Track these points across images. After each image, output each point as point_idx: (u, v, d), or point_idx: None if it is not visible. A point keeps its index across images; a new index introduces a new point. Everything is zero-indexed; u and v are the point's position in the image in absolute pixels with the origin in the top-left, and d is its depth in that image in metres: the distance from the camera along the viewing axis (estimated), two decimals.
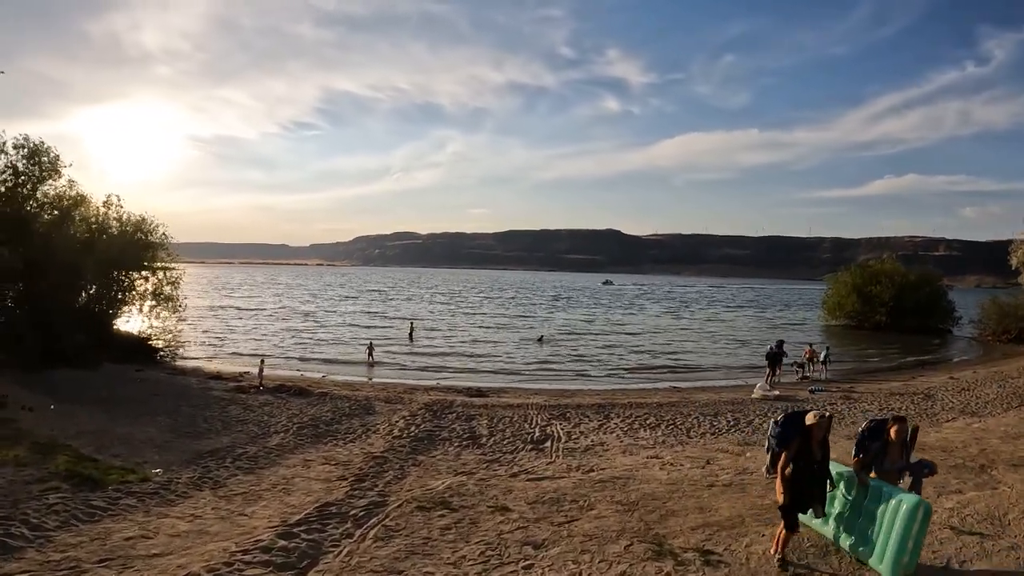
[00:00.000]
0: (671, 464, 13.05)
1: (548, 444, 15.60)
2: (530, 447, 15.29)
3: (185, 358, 29.24)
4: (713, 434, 17.07)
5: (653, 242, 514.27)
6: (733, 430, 17.60)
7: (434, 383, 26.49)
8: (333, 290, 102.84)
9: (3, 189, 22.41)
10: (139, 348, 27.23)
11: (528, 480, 11.96)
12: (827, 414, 7.51)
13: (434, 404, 20.41)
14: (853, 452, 7.89)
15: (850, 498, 7.71)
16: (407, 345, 38.63)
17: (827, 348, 30.81)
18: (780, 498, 7.41)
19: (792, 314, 75.03)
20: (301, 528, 8.38)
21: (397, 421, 17.70)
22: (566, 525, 9.07)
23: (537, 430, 17.12)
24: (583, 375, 29.97)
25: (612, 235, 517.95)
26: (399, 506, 9.79)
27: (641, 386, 27.17)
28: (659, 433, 17.10)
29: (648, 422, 18.38)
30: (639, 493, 10.40)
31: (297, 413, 18.35)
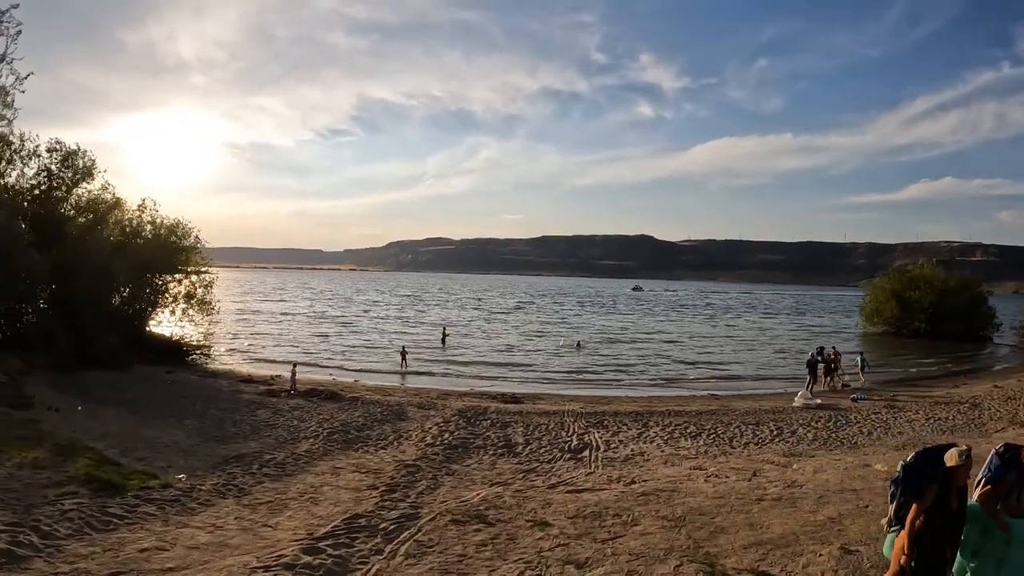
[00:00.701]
0: (716, 476, 12.34)
1: (586, 453, 14.96)
2: (568, 456, 14.65)
3: (217, 361, 29.04)
4: (757, 444, 16.34)
5: (687, 248, 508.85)
6: (777, 440, 16.87)
7: (468, 389, 25.81)
8: (366, 295, 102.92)
9: (37, 192, 22.54)
10: (171, 350, 27.07)
11: (567, 492, 11.24)
12: (967, 449, 5.42)
13: (468, 410, 19.81)
14: (979, 482, 5.62)
15: (985, 546, 5.32)
16: (440, 350, 38.08)
17: (861, 354, 29.86)
18: (902, 561, 5.38)
19: (830, 321, 73.06)
20: (327, 542, 7.73)
21: (430, 428, 17.09)
22: (610, 542, 8.31)
23: (574, 438, 16.46)
24: (620, 382, 29.25)
25: (646, 241, 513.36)
26: (432, 519, 9.09)
27: (679, 393, 26.41)
28: (701, 443, 16.43)
29: (688, 431, 17.71)
30: (685, 507, 9.70)
31: (328, 418, 17.85)
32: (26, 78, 18.70)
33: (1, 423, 12.75)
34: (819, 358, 26.55)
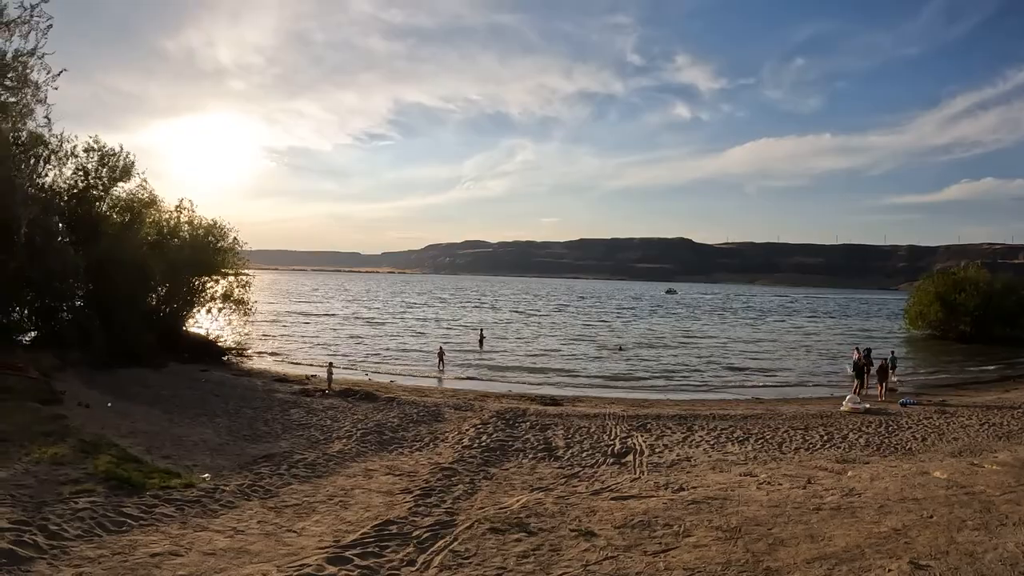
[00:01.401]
0: (768, 483, 11.41)
1: (630, 458, 14.11)
2: (611, 461, 13.81)
3: (253, 360, 28.84)
4: (807, 450, 15.39)
5: (725, 251, 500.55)
6: (828, 446, 15.87)
7: (506, 390, 25.09)
8: (403, 297, 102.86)
9: (74, 191, 22.53)
10: (207, 349, 27.00)
11: (612, 499, 10.43)
12: None
13: (506, 412, 19.09)
14: None
15: None
16: (477, 352, 37.45)
17: (892, 352, 28.75)
18: None
19: (873, 324, 70.61)
20: (355, 551, 7.02)
21: (467, 429, 16.38)
22: (661, 555, 7.52)
23: (617, 442, 15.61)
24: (661, 385, 28.37)
25: (683, 244, 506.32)
26: (469, 527, 8.34)
27: (722, 397, 25.70)
28: (749, 448, 15.51)
29: (735, 436, 16.78)
30: (740, 517, 8.94)
31: (362, 418, 17.25)
32: (59, 75, 18.43)
33: (27, 418, 12.36)
34: (866, 362, 25.49)
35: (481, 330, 43.74)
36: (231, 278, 28.80)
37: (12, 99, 18.39)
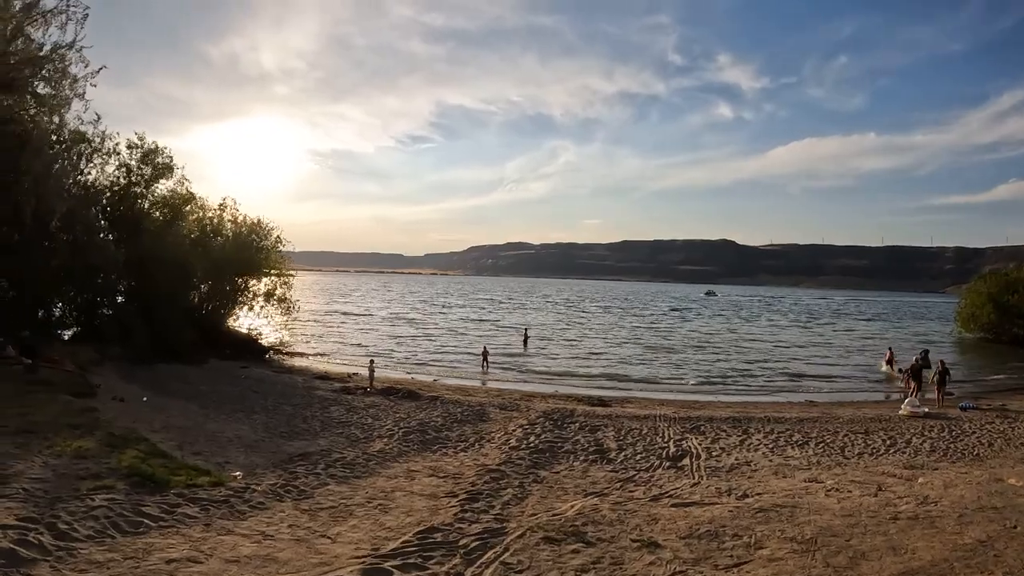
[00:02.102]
0: (837, 490, 10.63)
1: (687, 461, 13.26)
2: (667, 464, 12.95)
3: (294, 357, 28.54)
4: (871, 455, 14.51)
5: (769, 252, 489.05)
6: (892, 451, 14.96)
7: (552, 391, 24.19)
8: (445, 298, 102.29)
9: (116, 188, 22.51)
10: (249, 347, 26.76)
11: (674, 506, 9.57)
12: None
13: (553, 412, 18.25)
14: None
15: None
16: (522, 353, 36.58)
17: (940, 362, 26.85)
18: None
19: (923, 327, 67.76)
20: (395, 562, 6.14)
21: (514, 430, 15.52)
22: (734, 570, 6.71)
23: (672, 445, 14.73)
24: (710, 387, 27.44)
25: (727, 246, 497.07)
26: (521, 536, 7.45)
27: (774, 399, 24.75)
28: (810, 452, 14.67)
29: (794, 439, 15.92)
30: (813, 527, 8.25)
31: (405, 417, 16.50)
32: (98, 72, 18.11)
33: (58, 411, 11.87)
34: (923, 364, 24.78)
35: (526, 330, 42.82)
36: (274, 276, 28.41)
37: (50, 91, 18.15)
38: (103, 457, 8.83)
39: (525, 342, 39.93)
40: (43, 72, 17.92)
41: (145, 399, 15.34)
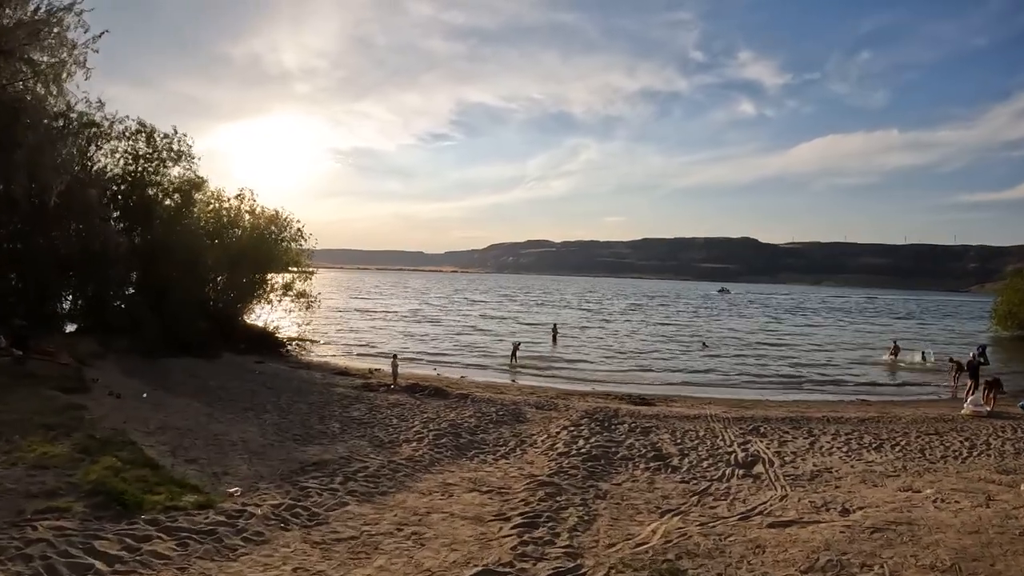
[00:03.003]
0: (942, 500, 9.43)
1: (760, 469, 11.73)
2: (741, 473, 11.40)
3: (313, 353, 26.89)
4: (956, 458, 13.15)
5: (790, 251, 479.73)
6: (976, 454, 13.54)
7: (588, 388, 22.38)
8: (466, 294, 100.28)
9: (125, 174, 21.51)
10: (265, 340, 25.17)
11: (771, 526, 8.18)
12: None
13: (596, 412, 16.50)
14: None
15: None
16: (551, 349, 34.68)
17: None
18: None
19: (962, 325, 64.81)
20: None
21: (558, 432, 13.75)
22: None
23: (737, 449, 13.14)
24: (751, 383, 25.82)
25: (748, 243, 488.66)
26: None
27: (824, 397, 23.07)
28: (889, 456, 13.26)
29: (865, 441, 14.44)
30: (946, 550, 7.09)
31: (434, 417, 14.66)
32: (100, 36, 16.64)
33: (35, 408, 10.29)
34: (981, 360, 22.87)
35: (554, 325, 40.97)
36: (293, 269, 27.06)
37: (47, 58, 16.57)
38: (68, 468, 7.09)
39: (554, 338, 38.22)
40: (39, 37, 16.38)
41: (145, 395, 13.78)
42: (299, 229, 26.80)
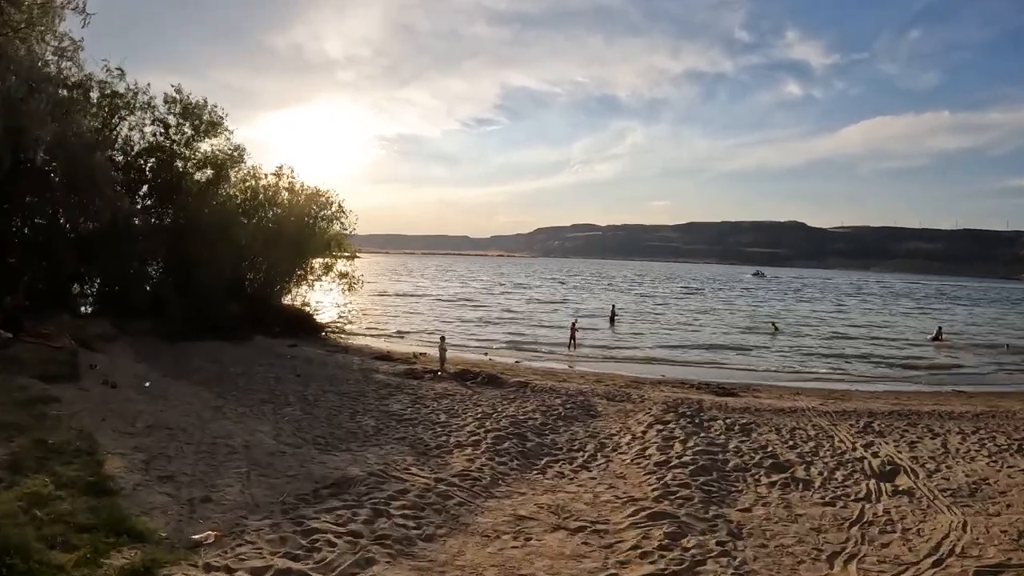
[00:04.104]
0: None
1: (906, 481, 9.29)
2: (886, 486, 8.99)
3: (353, 337, 24.89)
4: None
5: (838, 235, 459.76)
6: None
7: (658, 375, 19.92)
8: (512, 278, 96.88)
9: (152, 146, 19.82)
10: (303, 323, 23.26)
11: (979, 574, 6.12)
12: None
13: (678, 404, 13.89)
14: None
15: None
16: (610, 332, 32.20)
17: None
18: None
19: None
20: None
21: (643, 431, 11.26)
22: None
23: (863, 452, 10.75)
24: (839, 372, 23.52)
25: (796, 227, 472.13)
26: None
27: (915, 388, 20.48)
28: None
29: (1000, 442, 11.97)
30: None
31: (490, 412, 12.08)
32: None
33: None
34: None
35: (613, 307, 38.45)
36: (334, 248, 24.90)
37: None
38: None
39: (612, 319, 36.01)
40: None
41: (148, 384, 11.64)
42: (340, 205, 24.66)
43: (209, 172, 20.97)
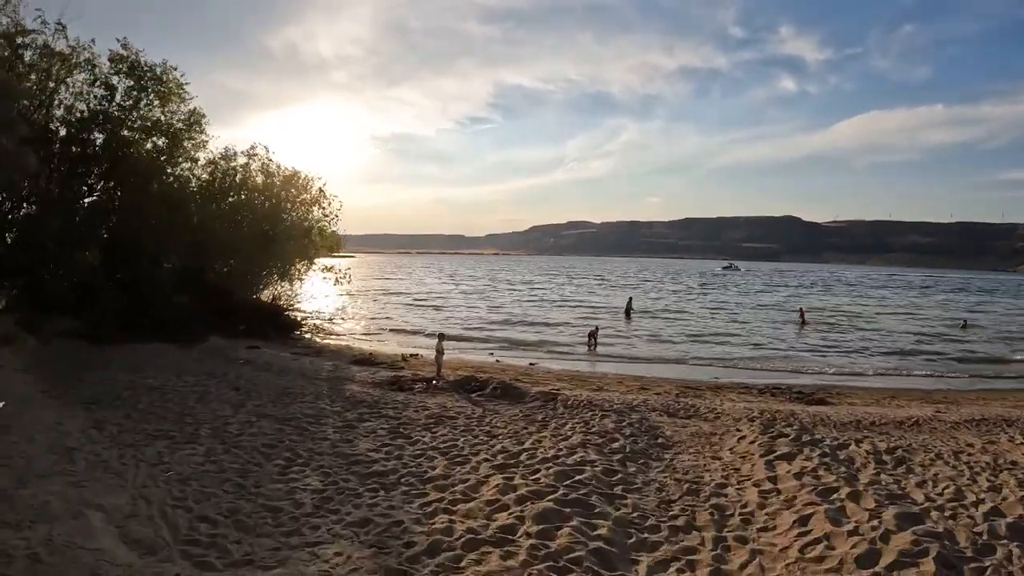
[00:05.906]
0: None
1: None
2: None
3: (334, 335, 22.03)
4: None
5: (833, 229, 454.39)
6: None
7: (711, 379, 16.60)
8: (508, 275, 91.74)
9: (87, 112, 16.94)
10: (273, 320, 20.09)
11: None
12: None
13: (772, 422, 10.01)
14: None
15: None
16: (626, 326, 29.17)
17: None
18: None
19: None
20: None
21: (768, 476, 7.45)
22: None
23: None
24: (904, 368, 20.74)
25: (790, 222, 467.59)
26: None
27: (989, 386, 17.92)
28: None
29: None
30: None
31: (516, 450, 8.05)
32: None
33: None
34: None
35: (630, 299, 35.24)
36: (316, 236, 22.00)
37: None
38: None
39: (628, 313, 33.14)
40: None
41: (3, 404, 7.90)
42: (321, 189, 21.74)
43: (160, 141, 17.99)
